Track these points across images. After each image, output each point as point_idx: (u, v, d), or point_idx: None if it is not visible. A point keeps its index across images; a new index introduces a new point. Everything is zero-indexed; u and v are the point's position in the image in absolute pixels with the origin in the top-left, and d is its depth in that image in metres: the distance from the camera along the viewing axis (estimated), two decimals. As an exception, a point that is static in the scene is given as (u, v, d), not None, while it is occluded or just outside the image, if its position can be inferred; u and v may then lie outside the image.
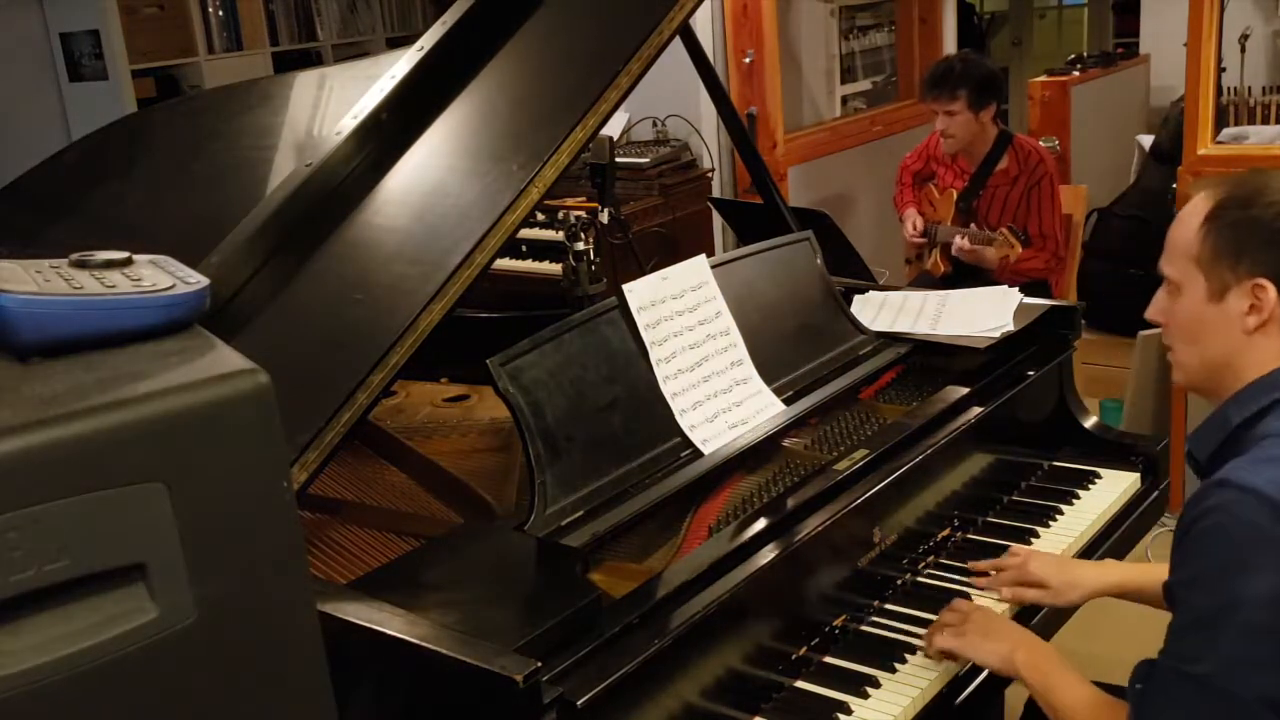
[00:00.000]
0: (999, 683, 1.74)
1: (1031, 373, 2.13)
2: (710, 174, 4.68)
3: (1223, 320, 1.41)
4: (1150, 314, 1.52)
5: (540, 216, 3.67)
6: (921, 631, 1.69)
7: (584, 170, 2.84)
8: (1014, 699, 1.85)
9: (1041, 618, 1.81)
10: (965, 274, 3.75)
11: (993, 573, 1.83)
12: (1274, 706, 1.22)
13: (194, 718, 0.92)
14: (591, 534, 1.60)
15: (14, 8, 4.85)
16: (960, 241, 3.80)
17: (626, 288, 1.84)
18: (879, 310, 2.34)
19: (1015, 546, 1.89)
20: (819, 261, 2.20)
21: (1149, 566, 1.85)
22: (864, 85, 5.67)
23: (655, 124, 4.67)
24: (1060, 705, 1.49)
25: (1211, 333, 1.43)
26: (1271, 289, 1.38)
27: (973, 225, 3.84)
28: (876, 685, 1.59)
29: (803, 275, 2.17)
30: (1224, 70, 4.21)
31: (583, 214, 2.51)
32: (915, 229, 4.02)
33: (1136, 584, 1.77)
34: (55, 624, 0.85)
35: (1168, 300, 1.48)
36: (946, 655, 1.62)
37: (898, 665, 1.63)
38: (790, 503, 1.69)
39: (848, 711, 1.54)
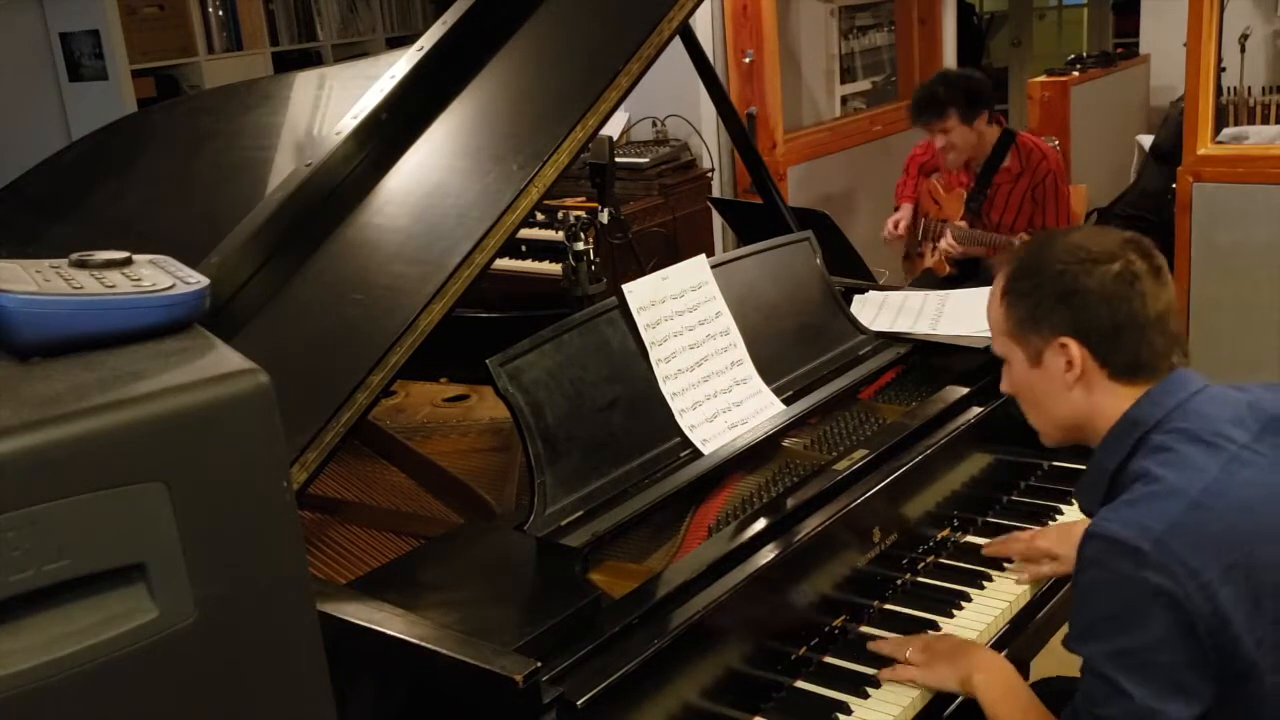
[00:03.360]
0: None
1: (1031, 373, 2.13)
2: (710, 174, 4.68)
3: (1049, 381, 1.48)
4: (1002, 388, 1.59)
5: (540, 216, 3.67)
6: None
7: (584, 170, 2.84)
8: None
9: (1042, 617, 1.81)
10: (969, 274, 3.75)
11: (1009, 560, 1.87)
12: None
13: (194, 718, 0.92)
14: (591, 534, 1.60)
15: (14, 8, 4.85)
16: (947, 243, 3.81)
17: (626, 288, 1.84)
18: (879, 310, 2.34)
19: (1016, 535, 1.91)
20: (819, 261, 2.20)
21: None
22: (864, 85, 5.67)
23: (655, 124, 4.67)
24: None
25: (1046, 395, 1.50)
26: (1073, 344, 1.44)
27: (963, 223, 3.85)
28: (876, 685, 1.59)
29: (803, 275, 2.17)
30: (1224, 70, 4.21)
31: (583, 214, 2.51)
32: (896, 227, 4.04)
33: None
34: (55, 624, 0.85)
35: (1006, 374, 1.56)
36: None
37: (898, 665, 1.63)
38: (790, 503, 1.69)
39: (848, 711, 1.54)
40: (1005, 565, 1.87)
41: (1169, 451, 1.38)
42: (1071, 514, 2.04)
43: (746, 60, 4.59)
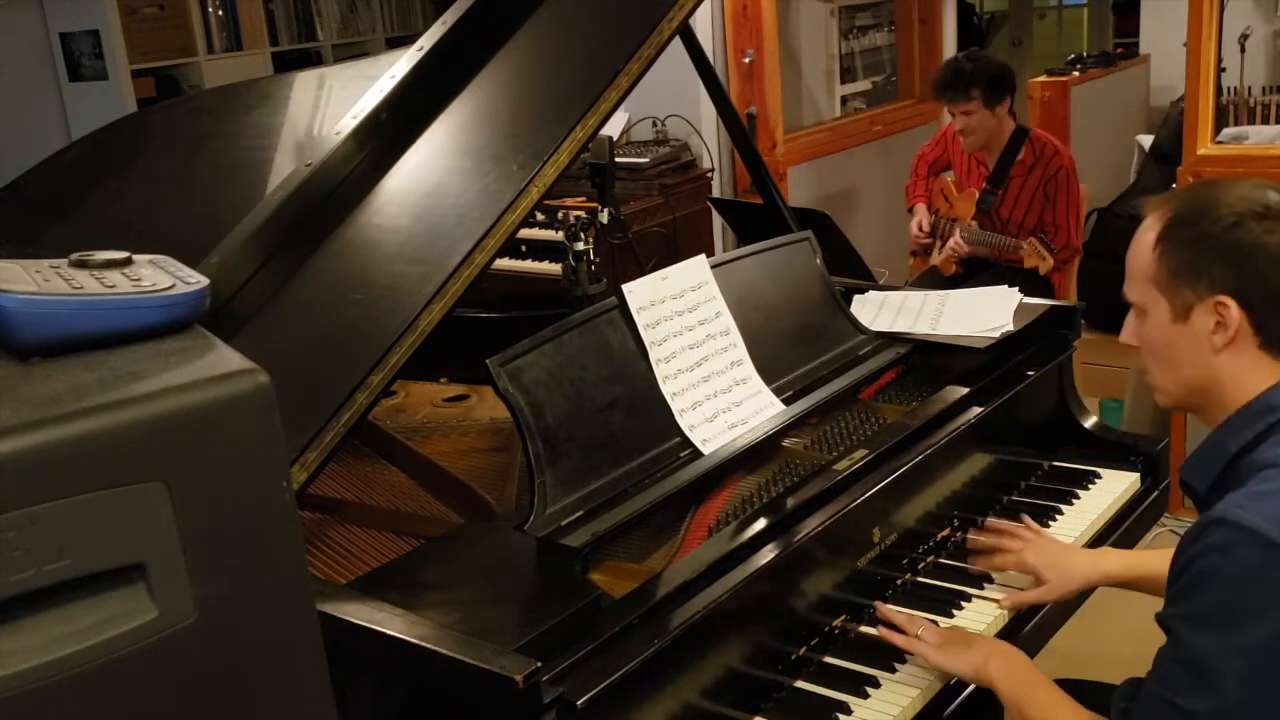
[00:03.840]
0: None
1: (1031, 373, 2.13)
2: (710, 174, 4.68)
3: (1191, 341, 1.38)
4: (1123, 338, 1.49)
5: (540, 216, 3.67)
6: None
7: (584, 170, 2.84)
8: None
9: (1041, 616, 1.81)
10: (975, 273, 3.75)
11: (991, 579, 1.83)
12: None
13: (194, 718, 0.92)
14: (591, 534, 1.60)
15: (14, 8, 4.85)
16: (956, 242, 3.81)
17: (626, 288, 1.84)
18: (879, 310, 2.34)
19: (1019, 529, 1.88)
20: (819, 261, 2.20)
21: (1145, 555, 1.84)
22: (864, 85, 5.67)
23: (655, 124, 4.67)
24: (1034, 718, 1.48)
25: (1183, 354, 1.40)
26: (1233, 305, 1.34)
27: (972, 222, 3.85)
28: (876, 685, 1.59)
29: (803, 275, 2.17)
30: (1224, 70, 4.21)
31: (583, 214, 2.51)
32: (922, 229, 4.02)
33: (1134, 573, 1.77)
34: (55, 624, 0.85)
35: (1137, 324, 1.45)
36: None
37: (898, 665, 1.63)
38: (790, 503, 1.69)
39: (848, 711, 1.54)
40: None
41: None
42: (1071, 514, 2.04)
43: (746, 60, 4.59)
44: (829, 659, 1.65)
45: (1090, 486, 2.12)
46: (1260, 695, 1.22)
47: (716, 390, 1.88)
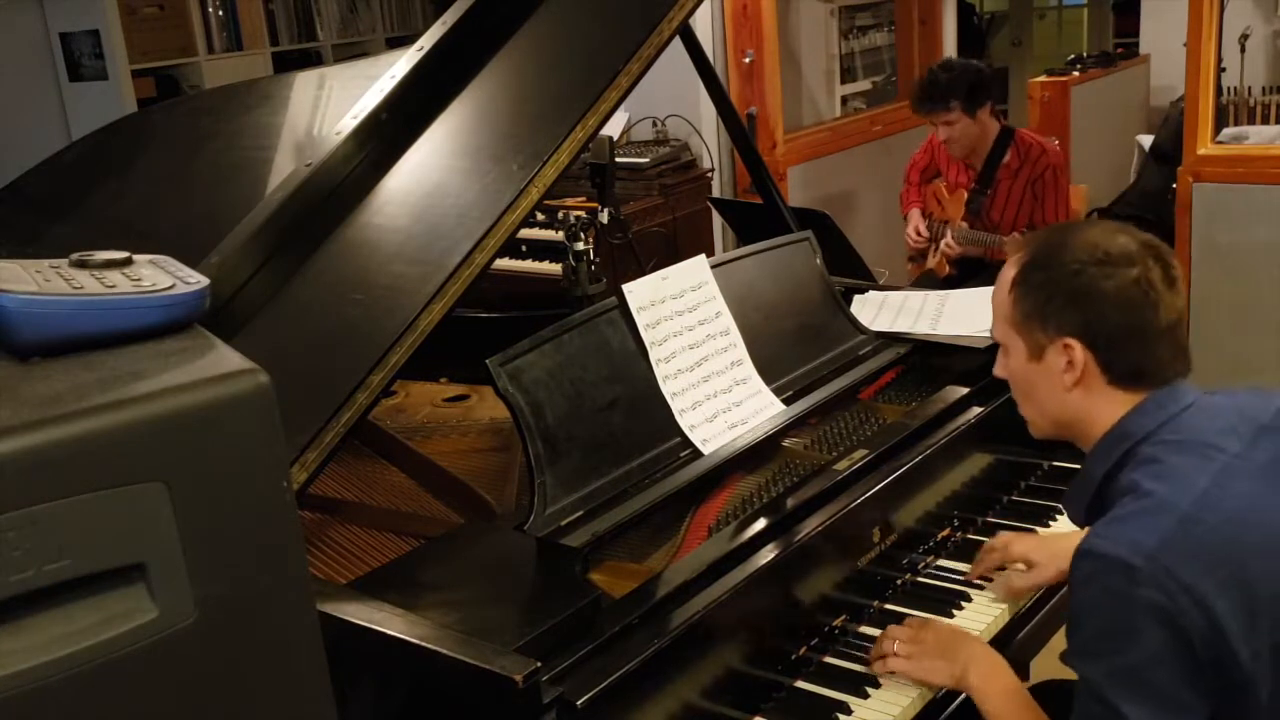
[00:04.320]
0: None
1: (1031, 373, 2.13)
2: (710, 174, 4.68)
3: (1047, 378, 1.45)
4: (995, 372, 1.57)
5: (540, 216, 3.67)
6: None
7: (584, 170, 2.84)
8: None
9: (1042, 616, 1.81)
10: (970, 274, 3.76)
11: (990, 579, 1.83)
12: None
13: (194, 718, 0.92)
14: (591, 534, 1.60)
15: (14, 8, 4.85)
16: (947, 243, 3.82)
17: (626, 288, 1.84)
18: (879, 310, 2.34)
19: (994, 538, 1.88)
20: (819, 261, 2.20)
21: None
22: (864, 85, 5.67)
23: (655, 124, 4.67)
24: None
25: (1041, 390, 1.48)
26: (1078, 346, 1.41)
27: (963, 224, 3.85)
28: (876, 685, 1.59)
29: (803, 275, 2.17)
30: (1224, 70, 4.21)
31: (583, 214, 2.50)
32: (919, 234, 4.03)
33: None
34: (55, 624, 0.85)
35: (1001, 360, 1.54)
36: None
37: (898, 665, 1.63)
38: (790, 503, 1.69)
39: (848, 711, 1.54)
40: (1004, 565, 1.87)
41: (1158, 463, 1.35)
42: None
43: (746, 60, 4.59)
44: (829, 659, 1.65)
45: (1090, 486, 2.12)
46: (1159, 710, 1.27)
47: (716, 390, 1.88)
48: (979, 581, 1.82)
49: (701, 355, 1.89)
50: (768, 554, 1.58)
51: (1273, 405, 1.42)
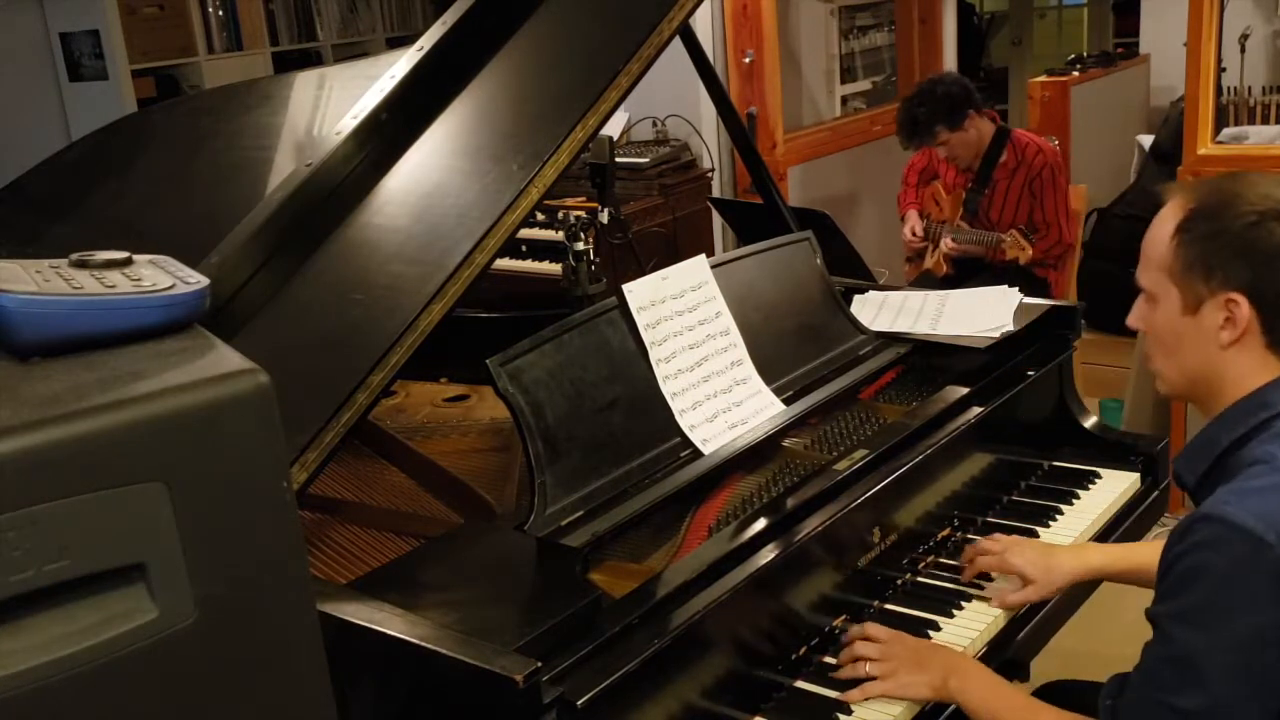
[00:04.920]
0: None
1: (1031, 373, 2.13)
2: (710, 174, 4.68)
3: (1199, 333, 1.37)
4: (1131, 321, 1.49)
5: (540, 216, 3.67)
6: (921, 635, 1.70)
7: (584, 170, 2.84)
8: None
9: (1042, 616, 1.81)
10: (968, 274, 3.76)
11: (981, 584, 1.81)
12: None
13: (194, 718, 0.92)
14: (591, 534, 1.60)
15: (14, 8, 4.85)
16: (947, 243, 3.82)
17: (626, 288, 1.84)
18: (879, 310, 2.34)
19: (992, 537, 1.87)
20: (819, 261, 2.20)
21: (1128, 547, 1.84)
22: (864, 85, 5.67)
23: (655, 124, 4.67)
24: None
25: (1188, 345, 1.39)
26: (1244, 303, 1.33)
27: (961, 224, 3.86)
28: (876, 685, 1.59)
29: (803, 275, 2.17)
30: (1224, 70, 4.21)
31: (583, 214, 2.50)
32: (915, 234, 4.04)
33: (1121, 565, 1.77)
34: (55, 624, 0.85)
35: (1146, 309, 1.45)
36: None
37: (898, 665, 1.63)
38: (790, 503, 1.69)
39: (848, 711, 1.54)
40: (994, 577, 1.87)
41: None
42: (1071, 514, 2.04)
43: (746, 60, 4.59)
44: (829, 659, 1.65)
45: (1090, 486, 2.12)
46: (1250, 690, 1.22)
47: (716, 390, 1.88)
48: (970, 589, 1.81)
49: (701, 355, 1.89)
50: (768, 554, 1.58)
51: None
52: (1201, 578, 1.24)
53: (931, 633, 1.70)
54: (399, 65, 1.97)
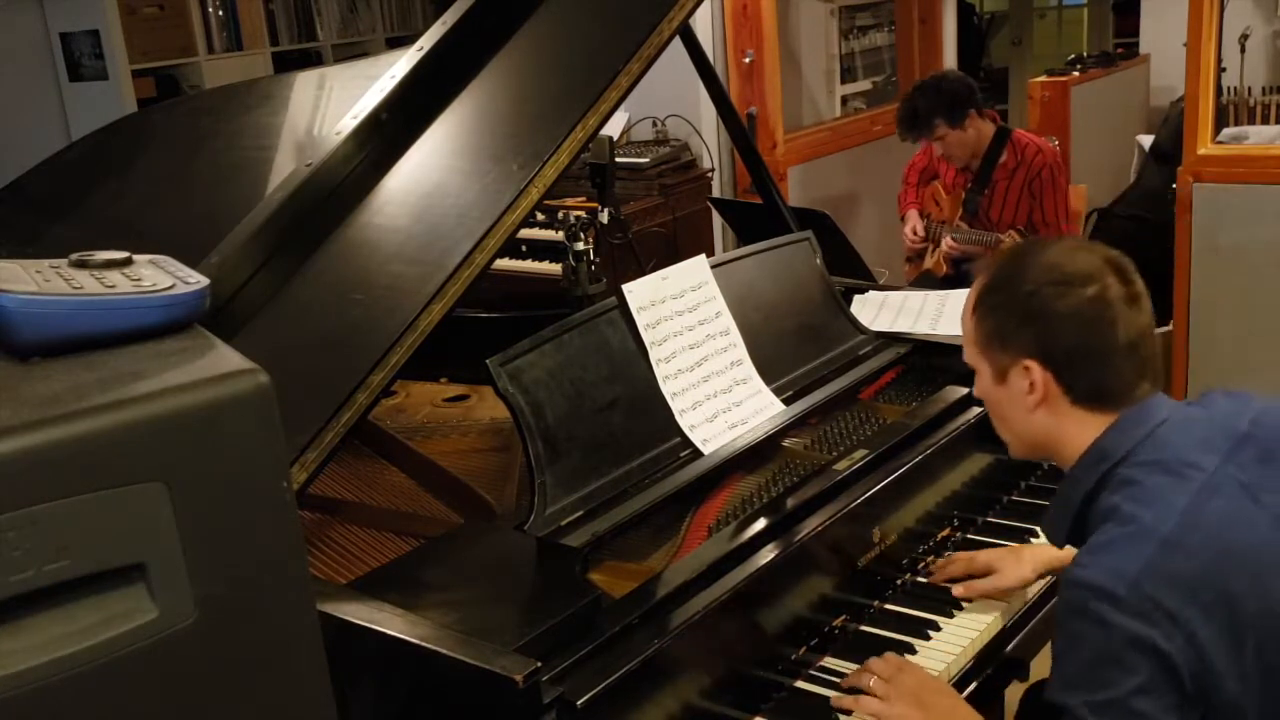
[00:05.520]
0: (999, 683, 1.74)
1: (1031, 373, 2.13)
2: (710, 174, 4.68)
3: (1011, 400, 1.46)
4: (975, 393, 1.57)
5: (540, 216, 3.67)
6: (921, 635, 1.70)
7: (584, 170, 2.84)
8: (1013, 698, 1.85)
9: (1042, 616, 1.80)
10: (968, 274, 3.76)
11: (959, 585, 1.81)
12: None
13: (194, 718, 0.92)
14: (591, 534, 1.60)
15: (14, 8, 4.85)
16: (947, 243, 3.83)
17: (626, 288, 1.84)
18: (879, 310, 2.34)
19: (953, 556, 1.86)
20: (819, 261, 2.21)
21: None
22: (864, 85, 5.67)
23: (655, 124, 4.67)
24: None
25: (1010, 412, 1.48)
26: (1036, 366, 1.41)
27: (961, 224, 3.86)
28: (876, 685, 1.59)
29: (803, 275, 2.17)
30: (1224, 70, 4.21)
31: (583, 214, 2.50)
32: (916, 234, 4.04)
33: None
34: (55, 624, 0.85)
35: (976, 383, 1.54)
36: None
37: (898, 665, 1.63)
38: (790, 503, 1.69)
39: (848, 712, 1.54)
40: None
41: (1136, 485, 1.34)
42: (1071, 514, 2.03)
43: (746, 60, 4.59)
44: (829, 659, 1.65)
45: (1090, 486, 2.12)
46: None
47: (716, 390, 1.88)
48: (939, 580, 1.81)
49: (701, 355, 1.89)
50: (768, 554, 1.58)
51: (1249, 412, 1.40)
52: (1073, 645, 1.29)
53: (931, 632, 1.70)
54: (399, 65, 1.97)
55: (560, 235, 2.47)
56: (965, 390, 2.01)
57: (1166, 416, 1.40)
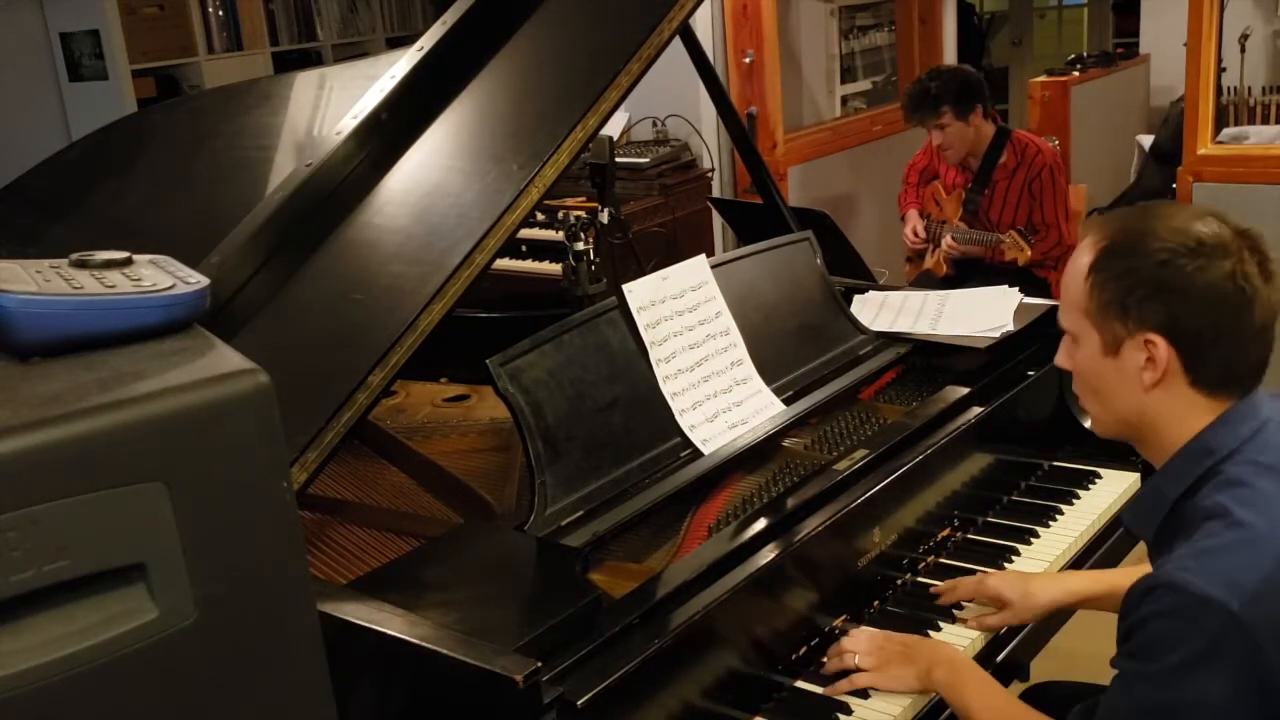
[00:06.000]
0: (999, 683, 1.74)
1: (1031, 373, 2.13)
2: (710, 174, 4.68)
3: (1121, 375, 1.32)
4: (1058, 362, 1.44)
5: (540, 216, 3.67)
6: (921, 635, 1.70)
7: (584, 170, 2.84)
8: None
9: (1034, 627, 1.80)
10: (968, 274, 3.76)
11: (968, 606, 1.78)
12: None
13: (194, 718, 0.92)
14: (591, 534, 1.60)
15: (14, 8, 4.85)
16: (947, 243, 3.83)
17: (626, 288, 1.84)
18: (879, 310, 2.34)
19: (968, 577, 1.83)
20: (819, 261, 2.20)
21: (1106, 574, 1.78)
22: (864, 85, 5.67)
23: (655, 124, 4.67)
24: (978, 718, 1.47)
25: (1113, 387, 1.34)
26: (1162, 343, 1.28)
27: (960, 224, 3.86)
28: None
29: (803, 275, 2.17)
30: (1224, 70, 4.21)
31: (583, 214, 2.50)
32: (916, 235, 4.04)
33: (1096, 592, 1.72)
34: (55, 624, 0.85)
35: (1070, 350, 1.40)
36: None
37: (898, 665, 1.63)
38: (790, 503, 1.69)
39: (848, 712, 1.54)
40: (1005, 565, 1.87)
41: (1247, 488, 1.24)
42: (1071, 514, 2.04)
43: (746, 60, 4.59)
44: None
45: (1090, 486, 2.12)
46: None
47: (717, 390, 1.88)
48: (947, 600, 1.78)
49: (702, 355, 1.89)
50: (768, 554, 1.58)
51: None
52: (1172, 648, 1.20)
53: (932, 633, 1.70)
54: (399, 65, 1.97)
55: (560, 235, 2.47)
56: (966, 390, 2.01)
57: (1270, 415, 1.31)
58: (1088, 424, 2.24)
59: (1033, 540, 1.96)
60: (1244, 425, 1.29)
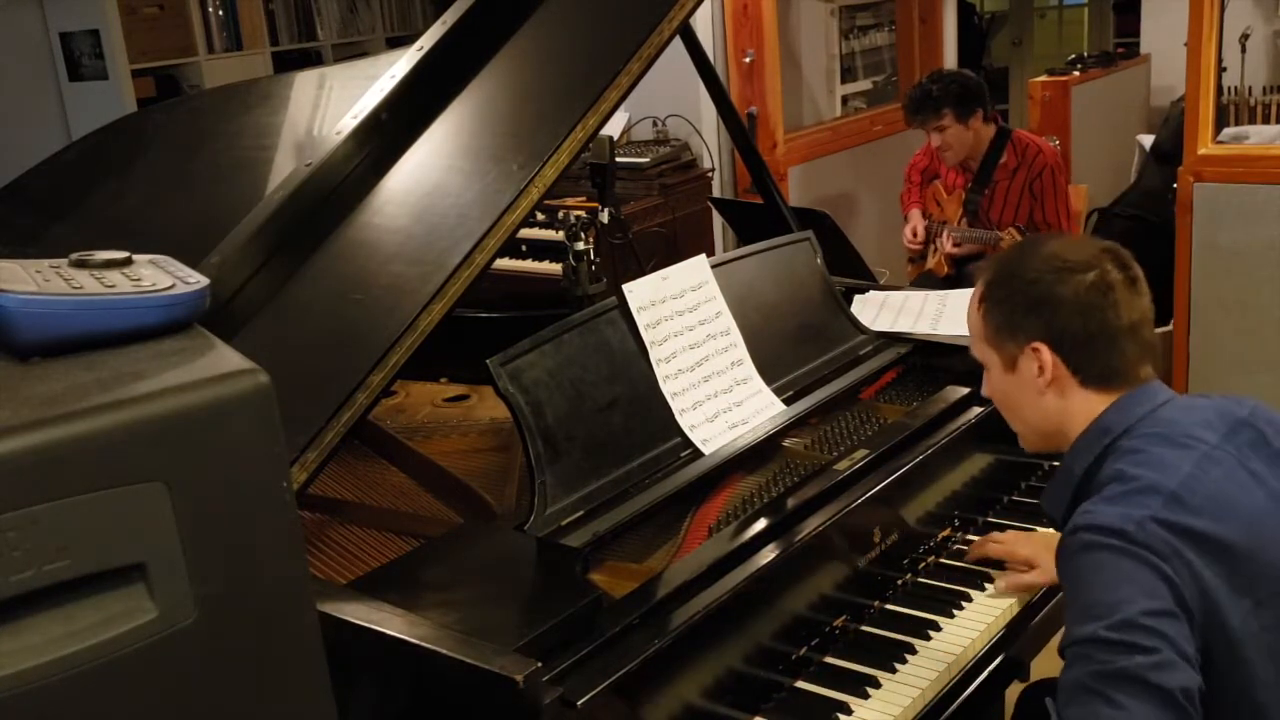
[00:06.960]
0: (999, 683, 1.74)
1: (1032, 373, 2.13)
2: (710, 174, 4.68)
3: (1023, 386, 1.51)
4: (983, 393, 1.62)
5: (540, 216, 3.67)
6: (921, 635, 1.70)
7: (584, 170, 2.84)
8: (1012, 698, 1.85)
9: (1044, 615, 1.80)
10: (969, 274, 3.76)
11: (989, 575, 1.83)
12: (1190, 698, 1.23)
13: (194, 718, 0.92)
14: (591, 534, 1.60)
15: (14, 8, 4.85)
16: (945, 242, 3.83)
17: (626, 288, 1.84)
18: (879, 310, 2.34)
19: (997, 534, 1.89)
20: (819, 261, 2.20)
21: None
22: (864, 85, 5.67)
23: (655, 124, 4.67)
24: None
25: (1021, 401, 1.53)
26: (1045, 349, 1.47)
27: (963, 223, 3.87)
28: (877, 685, 1.59)
29: (803, 275, 2.17)
30: (1224, 70, 4.21)
31: (583, 214, 2.50)
32: (915, 235, 4.05)
33: None
34: (55, 624, 0.85)
35: (985, 379, 1.59)
36: None
37: (898, 665, 1.63)
38: (790, 503, 1.69)
39: (848, 711, 1.54)
40: (1006, 566, 1.87)
41: (1141, 453, 1.39)
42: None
43: (746, 60, 4.59)
44: (829, 659, 1.65)
45: (1090, 486, 2.12)
46: (1175, 649, 1.25)
47: (717, 390, 1.88)
48: (970, 587, 1.80)
49: (702, 355, 1.89)
50: (768, 554, 1.58)
51: (1246, 406, 1.47)
52: (1091, 582, 1.31)
53: (932, 632, 1.70)
54: (399, 65, 1.97)
55: (560, 235, 2.47)
56: (966, 390, 2.01)
57: (1169, 398, 1.47)
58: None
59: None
60: (1140, 407, 1.45)
